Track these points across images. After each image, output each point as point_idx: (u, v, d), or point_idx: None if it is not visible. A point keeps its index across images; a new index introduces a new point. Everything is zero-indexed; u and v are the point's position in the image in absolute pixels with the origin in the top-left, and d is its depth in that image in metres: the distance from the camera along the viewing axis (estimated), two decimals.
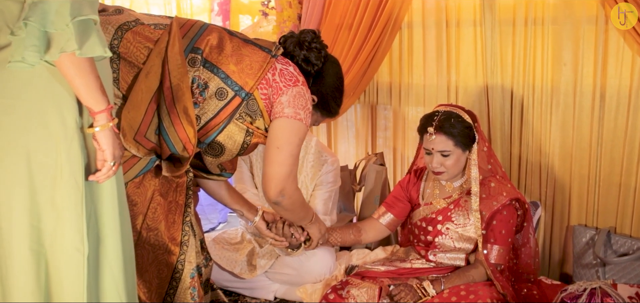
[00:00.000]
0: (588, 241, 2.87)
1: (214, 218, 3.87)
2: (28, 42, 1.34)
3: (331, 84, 2.19)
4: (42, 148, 1.43)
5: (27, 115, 1.42)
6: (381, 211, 2.73)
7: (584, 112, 2.87)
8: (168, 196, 2.00)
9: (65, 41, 1.35)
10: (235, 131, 1.99)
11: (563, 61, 2.88)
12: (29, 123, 1.42)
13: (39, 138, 1.43)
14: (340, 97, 2.25)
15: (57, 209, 1.46)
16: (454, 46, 3.22)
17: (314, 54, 2.12)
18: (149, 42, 1.88)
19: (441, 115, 2.44)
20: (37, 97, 1.42)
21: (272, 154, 1.98)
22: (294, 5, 3.47)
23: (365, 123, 3.70)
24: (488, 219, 2.42)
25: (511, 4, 3.02)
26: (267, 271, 2.83)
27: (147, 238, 1.97)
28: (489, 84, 3.12)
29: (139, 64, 1.86)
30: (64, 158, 1.45)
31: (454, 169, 2.47)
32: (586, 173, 2.92)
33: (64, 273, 1.49)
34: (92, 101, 1.44)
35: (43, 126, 1.43)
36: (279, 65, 2.01)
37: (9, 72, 1.40)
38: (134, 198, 1.93)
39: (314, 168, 2.98)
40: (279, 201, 2.03)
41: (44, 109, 1.43)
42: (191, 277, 2.05)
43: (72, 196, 1.47)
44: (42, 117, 1.43)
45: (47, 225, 1.46)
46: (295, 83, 1.99)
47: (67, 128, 1.45)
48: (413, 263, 2.60)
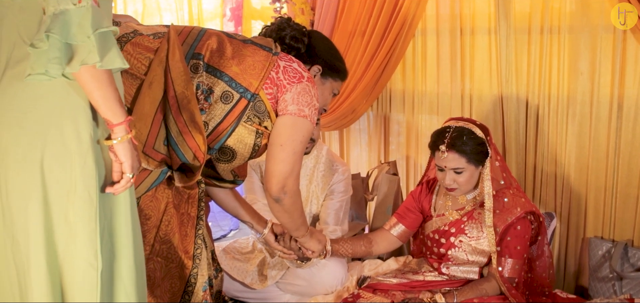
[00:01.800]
0: (604, 254, 2.82)
1: (225, 225, 3.86)
2: (51, 54, 1.32)
3: (326, 47, 2.19)
4: (56, 161, 1.41)
5: (41, 128, 1.40)
6: (392, 222, 2.70)
7: (601, 122, 2.82)
8: (180, 208, 1.98)
9: (87, 53, 1.33)
10: (245, 133, 1.96)
11: (580, 69, 2.84)
12: (43, 137, 1.40)
13: (53, 151, 1.41)
14: (339, 55, 2.24)
15: (70, 224, 1.44)
16: (469, 53, 3.19)
17: (297, 32, 2.11)
18: (149, 52, 1.85)
19: (453, 131, 2.40)
20: (51, 110, 1.41)
21: (275, 151, 1.95)
22: (306, 11, 3.46)
23: (377, 131, 3.67)
24: (502, 233, 2.38)
25: (527, 12, 2.98)
26: (278, 282, 2.81)
27: (160, 251, 1.95)
28: (503, 93, 3.08)
29: (141, 76, 1.83)
30: (78, 173, 1.43)
31: (467, 185, 2.44)
32: (603, 184, 2.87)
33: (77, 288, 1.48)
34: (111, 113, 1.42)
35: (57, 139, 1.41)
36: (281, 62, 1.96)
37: (22, 85, 1.38)
38: (147, 212, 1.91)
39: (325, 178, 2.96)
40: (281, 198, 1.99)
41: (59, 122, 1.41)
42: (204, 291, 2.02)
43: (85, 211, 1.45)
44: (57, 130, 1.41)
45: (61, 240, 1.45)
46: (299, 79, 1.95)
47: (81, 141, 1.43)
48: (426, 275, 2.57)
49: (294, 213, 2.13)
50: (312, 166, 2.97)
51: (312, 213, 2.97)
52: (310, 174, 2.96)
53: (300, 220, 2.24)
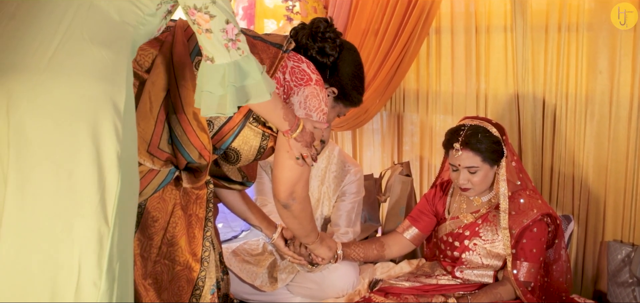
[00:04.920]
0: (624, 258, 2.75)
1: (236, 225, 3.83)
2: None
3: (350, 73, 2.07)
4: (82, 171, 1.35)
5: (72, 139, 1.35)
6: (405, 225, 2.65)
7: (621, 122, 2.76)
8: (188, 209, 1.94)
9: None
10: (251, 135, 1.91)
11: (599, 68, 2.78)
12: (72, 147, 1.35)
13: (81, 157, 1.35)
14: (361, 85, 2.12)
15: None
16: (484, 52, 3.13)
17: (329, 45, 2.00)
18: (153, 47, 1.81)
19: (467, 129, 2.35)
20: (79, 127, 1.35)
21: (282, 158, 1.88)
22: (319, 10, 3.42)
23: (391, 130, 3.62)
24: (517, 236, 2.32)
25: (544, 9, 2.92)
26: (289, 284, 2.77)
27: (167, 253, 1.90)
28: (519, 92, 3.02)
29: (143, 74, 1.79)
30: (94, 190, 1.37)
31: (482, 185, 2.38)
32: (622, 186, 2.81)
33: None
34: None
35: (79, 151, 1.35)
36: (290, 62, 1.89)
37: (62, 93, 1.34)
38: (155, 214, 1.87)
39: (336, 179, 2.91)
40: (289, 204, 1.94)
41: (83, 137, 1.35)
42: (211, 294, 1.98)
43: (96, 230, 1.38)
44: (81, 144, 1.35)
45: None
46: (308, 82, 1.87)
47: (105, 159, 1.36)
48: (439, 279, 2.51)
49: (304, 220, 2.08)
50: (324, 167, 2.93)
51: (323, 215, 2.93)
52: (322, 175, 2.92)
53: (310, 226, 2.18)
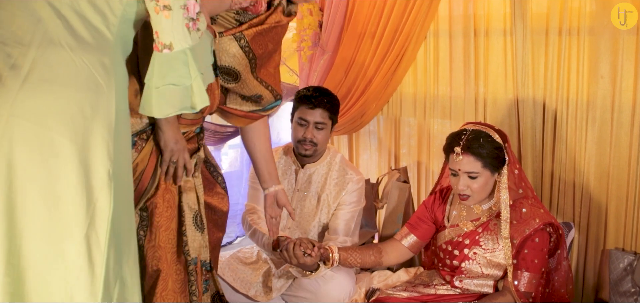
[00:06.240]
0: (626, 267, 2.70)
1: (231, 231, 3.78)
2: None
3: None
4: (71, 193, 1.30)
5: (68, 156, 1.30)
6: (404, 232, 2.59)
7: (623, 128, 2.72)
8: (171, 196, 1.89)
9: None
10: (225, 46, 1.85)
11: (600, 73, 2.74)
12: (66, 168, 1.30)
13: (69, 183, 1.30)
14: None
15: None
16: (483, 56, 3.09)
17: None
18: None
19: (469, 134, 2.29)
20: (64, 146, 1.30)
21: None
22: (314, 12, 3.38)
23: (388, 135, 3.57)
24: (519, 245, 2.27)
25: (544, 13, 2.88)
26: (284, 294, 2.71)
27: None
28: (519, 97, 2.97)
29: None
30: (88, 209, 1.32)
31: (481, 193, 2.33)
32: (624, 193, 2.76)
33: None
34: None
35: (67, 175, 1.29)
36: None
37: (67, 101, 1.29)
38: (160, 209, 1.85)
39: (337, 186, 2.84)
40: None
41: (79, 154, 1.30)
42: (194, 264, 1.90)
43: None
44: (68, 165, 1.29)
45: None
46: None
47: (95, 179, 1.32)
48: (437, 289, 2.46)
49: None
50: (324, 174, 2.86)
51: (322, 223, 2.86)
52: (323, 181, 2.85)
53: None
